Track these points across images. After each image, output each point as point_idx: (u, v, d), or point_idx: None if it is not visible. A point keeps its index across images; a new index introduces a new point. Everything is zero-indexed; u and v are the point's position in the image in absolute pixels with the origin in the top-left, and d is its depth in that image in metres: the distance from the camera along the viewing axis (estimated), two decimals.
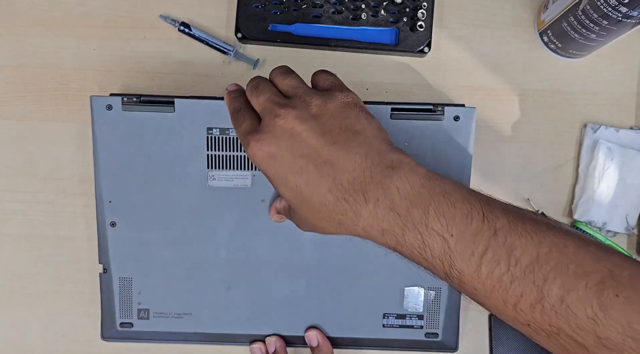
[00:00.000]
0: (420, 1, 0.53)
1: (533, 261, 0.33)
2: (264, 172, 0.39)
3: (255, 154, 0.38)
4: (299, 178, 0.37)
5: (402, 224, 0.35)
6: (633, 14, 0.43)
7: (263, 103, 0.40)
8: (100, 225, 0.50)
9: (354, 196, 0.36)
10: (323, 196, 0.37)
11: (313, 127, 0.37)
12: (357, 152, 0.37)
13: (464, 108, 0.49)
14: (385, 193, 0.36)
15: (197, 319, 0.51)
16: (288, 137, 0.37)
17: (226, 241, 0.51)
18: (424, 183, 0.36)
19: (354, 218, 0.36)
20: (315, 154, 0.37)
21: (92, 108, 0.49)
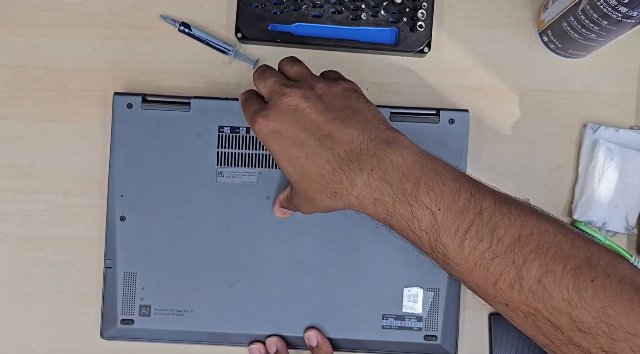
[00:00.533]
0: (420, 1, 0.53)
1: (514, 242, 0.34)
2: (269, 147, 0.41)
3: (261, 129, 0.40)
4: (300, 150, 0.39)
5: (394, 194, 0.37)
6: (633, 14, 0.43)
7: (270, 85, 0.42)
8: (109, 219, 0.52)
9: (350, 166, 0.38)
10: (321, 166, 0.39)
11: (316, 105, 0.40)
12: (355, 127, 0.39)
13: (459, 111, 0.52)
14: (379, 164, 0.38)
15: (198, 317, 0.52)
16: (292, 113, 0.40)
17: (230, 238, 0.52)
18: (417, 159, 0.38)
19: (349, 186, 0.38)
20: (316, 128, 0.39)
21: (113, 105, 0.52)
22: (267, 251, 0.52)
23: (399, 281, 0.52)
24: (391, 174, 0.37)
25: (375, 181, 0.38)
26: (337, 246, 0.52)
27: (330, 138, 0.39)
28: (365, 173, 0.38)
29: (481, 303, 0.54)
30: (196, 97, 0.52)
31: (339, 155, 0.38)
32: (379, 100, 0.54)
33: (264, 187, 0.52)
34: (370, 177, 0.38)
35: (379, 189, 0.38)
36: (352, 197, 0.39)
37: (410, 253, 0.52)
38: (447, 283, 0.52)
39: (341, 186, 0.39)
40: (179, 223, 0.52)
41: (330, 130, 0.39)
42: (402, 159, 0.38)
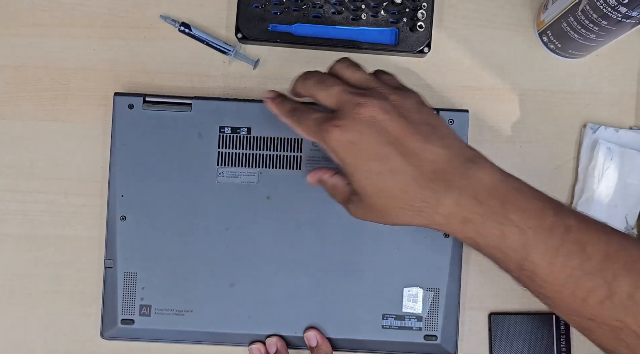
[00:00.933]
0: (420, 1, 0.53)
1: (603, 258, 0.36)
2: (342, 158, 0.40)
3: (336, 139, 0.39)
4: (381, 165, 0.39)
5: (483, 212, 0.38)
6: (632, 14, 0.43)
7: (337, 95, 0.40)
8: (110, 219, 0.52)
9: (439, 185, 0.38)
10: (406, 184, 0.38)
11: (396, 118, 0.39)
12: (438, 145, 0.39)
13: (458, 112, 0.52)
14: (468, 182, 0.38)
15: (198, 316, 0.52)
16: (370, 125, 0.38)
17: (230, 238, 0.52)
18: (502, 177, 0.39)
19: (436, 205, 0.38)
20: (399, 143, 0.38)
21: (114, 105, 0.52)
22: (267, 251, 0.52)
23: (399, 281, 0.52)
24: (480, 192, 0.38)
25: (464, 199, 0.38)
26: (337, 246, 0.52)
27: (415, 155, 0.38)
28: (454, 192, 0.38)
29: (481, 302, 0.55)
30: (197, 98, 0.52)
31: (425, 173, 0.38)
32: None
33: (264, 187, 0.52)
34: (460, 196, 0.38)
35: (469, 207, 0.38)
36: (438, 216, 0.39)
37: (410, 253, 0.52)
38: (447, 283, 0.52)
39: (427, 205, 0.39)
40: (180, 223, 0.52)
41: (415, 147, 0.39)
42: (489, 177, 0.38)
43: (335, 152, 0.40)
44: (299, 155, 0.52)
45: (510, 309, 0.54)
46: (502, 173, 0.39)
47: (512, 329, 0.53)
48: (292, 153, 0.52)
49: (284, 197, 0.52)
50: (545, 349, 0.53)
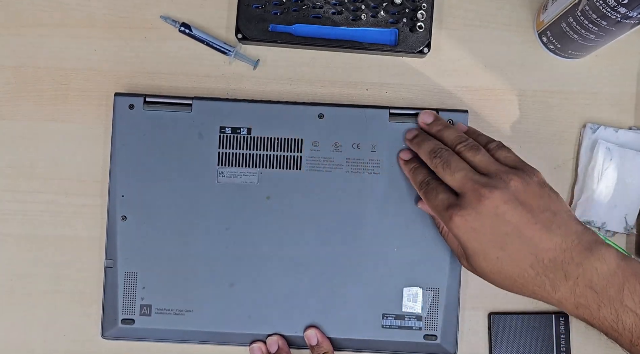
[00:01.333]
0: (419, 2, 0.53)
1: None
2: (465, 244, 0.43)
3: (458, 227, 0.43)
4: (501, 252, 0.42)
5: (599, 300, 0.41)
6: (632, 14, 0.43)
7: (461, 180, 0.44)
8: (110, 219, 0.52)
9: (555, 273, 0.41)
10: (524, 270, 0.42)
11: (516, 207, 0.42)
12: (557, 233, 0.42)
13: (458, 112, 0.52)
14: (584, 273, 0.41)
15: (198, 316, 0.52)
16: (492, 216, 0.42)
17: (231, 238, 0.52)
18: (619, 264, 0.41)
19: (551, 291, 0.42)
20: (519, 232, 0.42)
21: (114, 106, 0.52)
22: (267, 251, 0.52)
23: (398, 281, 0.52)
24: (596, 282, 0.40)
25: (580, 289, 0.41)
26: (337, 246, 0.52)
27: (533, 243, 0.41)
28: (570, 282, 0.41)
29: (481, 302, 0.55)
30: (198, 98, 0.53)
31: (543, 261, 0.41)
32: (379, 101, 0.55)
33: (264, 187, 0.52)
34: (575, 285, 0.41)
35: (584, 296, 0.41)
36: (552, 299, 0.42)
37: (410, 253, 0.52)
38: (446, 282, 0.52)
39: (542, 290, 0.42)
40: (180, 223, 0.52)
41: (533, 236, 0.41)
42: (606, 267, 0.41)
43: (456, 236, 0.43)
44: (299, 155, 0.52)
45: (509, 309, 0.54)
46: (621, 258, 0.41)
47: (511, 329, 0.53)
48: (292, 154, 0.52)
49: (284, 197, 0.52)
50: (545, 349, 0.53)
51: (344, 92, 0.55)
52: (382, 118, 0.52)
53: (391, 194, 0.52)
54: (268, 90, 0.55)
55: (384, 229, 0.52)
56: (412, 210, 0.52)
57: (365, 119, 0.52)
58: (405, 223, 0.52)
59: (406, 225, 0.52)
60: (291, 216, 0.52)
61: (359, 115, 0.52)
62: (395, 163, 0.52)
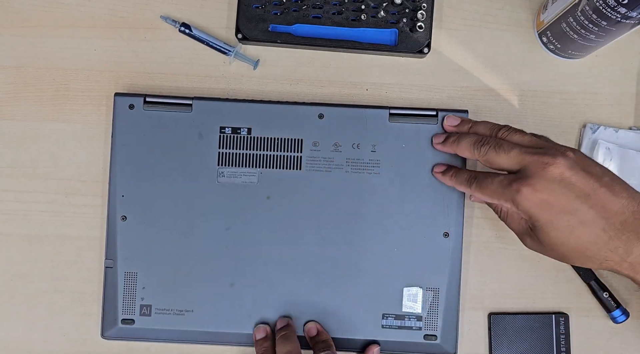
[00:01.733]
0: (419, 2, 0.53)
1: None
2: (536, 215, 0.43)
3: (528, 199, 0.43)
4: (572, 218, 0.42)
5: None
6: (632, 14, 0.43)
7: (518, 156, 0.44)
8: (110, 219, 0.52)
9: (627, 235, 0.41)
10: (597, 235, 0.42)
11: (580, 173, 0.42)
12: (622, 196, 0.42)
13: (457, 112, 0.52)
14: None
15: (198, 316, 0.52)
16: (559, 182, 0.42)
17: (231, 238, 0.52)
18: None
19: (624, 254, 0.42)
20: (587, 197, 0.42)
21: (115, 106, 0.52)
22: (267, 251, 0.52)
23: (398, 281, 0.52)
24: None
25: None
26: (337, 246, 0.52)
27: (602, 207, 0.42)
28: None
29: (481, 302, 0.55)
30: (198, 98, 0.53)
31: (614, 224, 0.41)
32: (379, 101, 0.55)
33: (264, 187, 0.52)
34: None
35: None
36: (625, 263, 0.42)
37: (410, 253, 0.52)
38: (446, 282, 0.52)
39: (615, 254, 0.42)
40: (180, 223, 0.52)
41: (600, 199, 0.42)
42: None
43: (526, 210, 0.43)
44: (299, 155, 0.52)
45: (509, 309, 0.54)
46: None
47: (511, 329, 0.53)
48: (292, 154, 0.52)
49: (284, 197, 0.52)
50: (545, 349, 0.53)
51: (344, 92, 0.55)
52: (382, 118, 0.52)
53: (391, 194, 0.52)
54: (268, 90, 0.55)
55: (384, 229, 0.52)
56: (412, 210, 0.52)
57: (365, 119, 0.52)
58: (405, 223, 0.52)
59: (406, 225, 0.52)
60: (291, 216, 0.52)
61: (359, 115, 0.52)
62: (395, 163, 0.52)
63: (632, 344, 0.54)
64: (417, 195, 0.52)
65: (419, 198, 0.52)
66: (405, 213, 0.52)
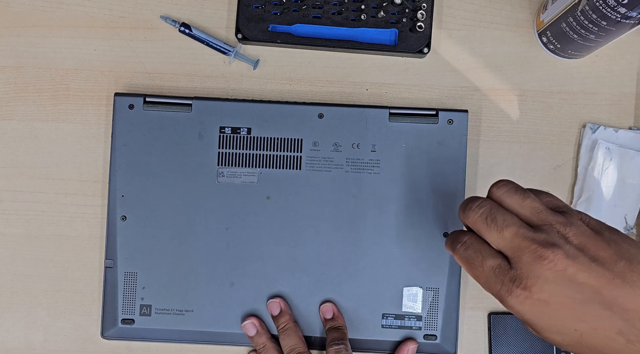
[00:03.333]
0: (419, 2, 0.53)
1: None
2: (533, 321, 0.35)
3: (523, 303, 0.35)
4: (581, 324, 0.34)
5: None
6: (632, 14, 0.43)
7: (512, 239, 0.36)
8: (110, 219, 0.52)
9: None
10: (611, 339, 0.34)
11: (585, 264, 0.34)
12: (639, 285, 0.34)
13: (457, 112, 0.52)
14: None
15: (198, 316, 0.52)
16: (561, 281, 0.34)
17: (231, 237, 0.52)
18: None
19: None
20: (598, 295, 0.34)
21: (114, 106, 0.52)
22: (267, 250, 0.52)
23: (398, 281, 0.52)
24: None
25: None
26: (336, 246, 0.52)
27: (618, 305, 0.33)
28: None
29: (481, 302, 0.55)
30: (198, 98, 0.53)
31: (634, 325, 0.33)
32: (379, 100, 0.55)
33: (264, 187, 0.52)
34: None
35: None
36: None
37: (410, 253, 0.52)
38: (446, 282, 0.52)
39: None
40: (180, 223, 0.52)
41: (615, 295, 0.33)
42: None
43: (521, 315, 0.36)
44: (299, 155, 0.52)
45: None
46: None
47: (511, 329, 0.53)
48: (292, 153, 0.52)
49: (284, 197, 0.52)
50: (545, 349, 0.53)
51: (344, 92, 0.55)
52: (382, 118, 0.52)
53: (391, 194, 0.52)
54: (268, 90, 0.55)
55: (384, 229, 0.52)
56: (412, 210, 0.52)
57: (365, 119, 0.52)
58: (405, 223, 0.52)
59: (406, 225, 0.52)
60: (291, 216, 0.52)
61: (358, 115, 0.52)
62: (394, 163, 0.52)
63: None
64: (417, 195, 0.52)
65: (419, 198, 0.52)
66: (405, 213, 0.52)
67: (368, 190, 0.52)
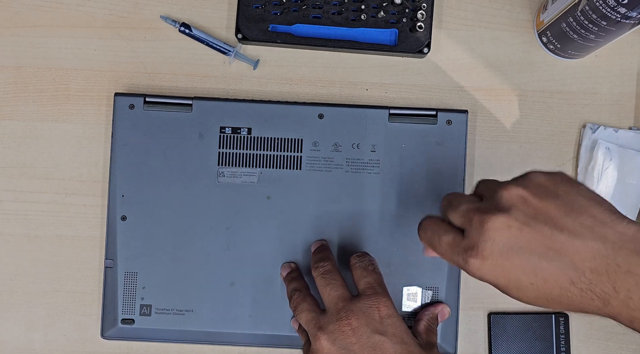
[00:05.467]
0: (419, 2, 0.53)
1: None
2: (494, 282, 0.37)
3: (479, 269, 0.36)
4: (534, 277, 0.35)
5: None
6: (632, 14, 0.43)
7: (462, 213, 0.38)
8: (110, 219, 0.52)
9: (601, 287, 0.34)
10: (565, 289, 0.35)
11: (530, 222, 0.35)
12: (590, 237, 0.34)
13: (457, 112, 0.52)
14: (637, 283, 0.34)
15: (198, 316, 0.52)
16: (508, 240, 0.35)
17: (231, 237, 0.52)
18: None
19: (601, 306, 0.35)
20: (545, 248, 0.35)
21: (114, 106, 0.52)
22: (267, 250, 0.52)
23: (398, 281, 0.52)
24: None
25: (634, 302, 0.34)
26: (336, 245, 0.52)
27: (567, 255, 0.34)
28: (622, 294, 0.34)
29: (480, 302, 0.55)
30: (198, 98, 0.53)
31: (584, 274, 0.34)
32: (379, 101, 0.55)
33: (264, 187, 0.52)
34: (628, 298, 0.34)
35: (639, 308, 0.34)
36: (602, 313, 0.36)
37: (410, 253, 0.52)
38: (446, 282, 0.52)
39: (591, 306, 0.35)
40: (180, 223, 0.52)
41: (563, 246, 0.34)
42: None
43: (482, 279, 0.37)
44: (299, 155, 0.52)
45: (509, 309, 0.54)
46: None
47: (511, 329, 0.53)
48: (292, 153, 0.52)
49: (284, 197, 0.52)
50: (545, 349, 0.53)
51: (344, 92, 0.55)
52: (382, 118, 0.52)
53: (391, 194, 0.52)
54: (268, 90, 0.55)
55: (384, 229, 0.52)
56: (412, 209, 0.52)
57: (365, 119, 0.52)
58: (405, 223, 0.52)
59: (406, 225, 0.52)
60: (291, 216, 0.52)
61: (358, 115, 0.52)
62: (394, 163, 0.52)
63: (632, 344, 0.54)
64: (417, 195, 0.52)
65: (419, 198, 0.52)
66: (405, 213, 0.52)
67: (368, 190, 0.52)
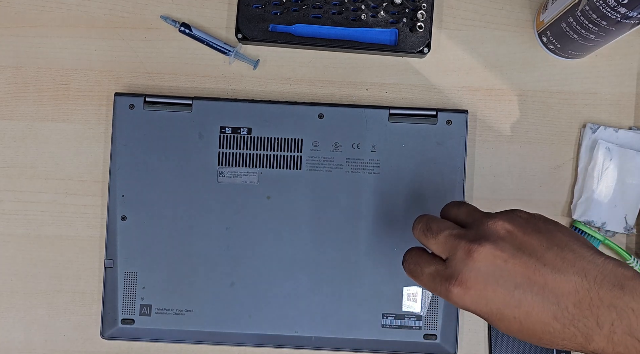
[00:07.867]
0: (419, 2, 0.53)
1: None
2: (477, 312, 0.37)
3: (462, 299, 0.36)
4: (517, 311, 0.35)
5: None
6: (632, 14, 0.43)
7: (444, 240, 0.38)
8: (110, 218, 0.52)
9: (584, 322, 0.34)
10: (548, 324, 0.35)
11: (515, 254, 0.36)
12: (572, 272, 0.35)
13: (457, 112, 0.52)
14: (620, 317, 0.34)
15: (198, 316, 0.52)
16: (492, 271, 0.35)
17: (231, 237, 0.52)
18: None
19: (584, 342, 0.35)
20: (530, 281, 0.35)
21: (115, 106, 0.52)
22: (267, 250, 0.52)
23: (398, 281, 0.52)
24: (636, 327, 0.34)
25: (618, 336, 0.34)
26: (337, 245, 0.52)
27: (549, 290, 0.35)
28: (605, 329, 0.34)
29: None
30: (198, 98, 0.53)
31: (567, 309, 0.34)
32: (379, 101, 0.55)
33: (264, 187, 0.52)
34: (611, 333, 0.34)
35: (624, 344, 0.34)
36: (586, 350, 0.35)
37: None
38: None
39: (574, 342, 0.35)
40: (180, 223, 0.52)
41: (546, 281, 0.35)
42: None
43: (465, 309, 0.37)
44: (299, 155, 0.52)
45: None
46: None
47: None
48: (292, 153, 0.52)
49: (284, 197, 0.52)
50: (545, 350, 0.53)
51: (344, 92, 0.55)
52: (382, 118, 0.52)
53: (391, 194, 0.52)
54: (268, 90, 0.55)
55: (384, 229, 0.52)
56: (412, 209, 0.52)
57: (365, 119, 0.52)
58: (405, 223, 0.52)
59: (406, 225, 0.52)
60: (291, 216, 0.52)
61: (358, 115, 0.52)
62: (394, 164, 0.52)
63: None
64: (417, 195, 0.52)
65: (419, 198, 0.52)
66: (405, 213, 0.52)
67: (368, 190, 0.52)
